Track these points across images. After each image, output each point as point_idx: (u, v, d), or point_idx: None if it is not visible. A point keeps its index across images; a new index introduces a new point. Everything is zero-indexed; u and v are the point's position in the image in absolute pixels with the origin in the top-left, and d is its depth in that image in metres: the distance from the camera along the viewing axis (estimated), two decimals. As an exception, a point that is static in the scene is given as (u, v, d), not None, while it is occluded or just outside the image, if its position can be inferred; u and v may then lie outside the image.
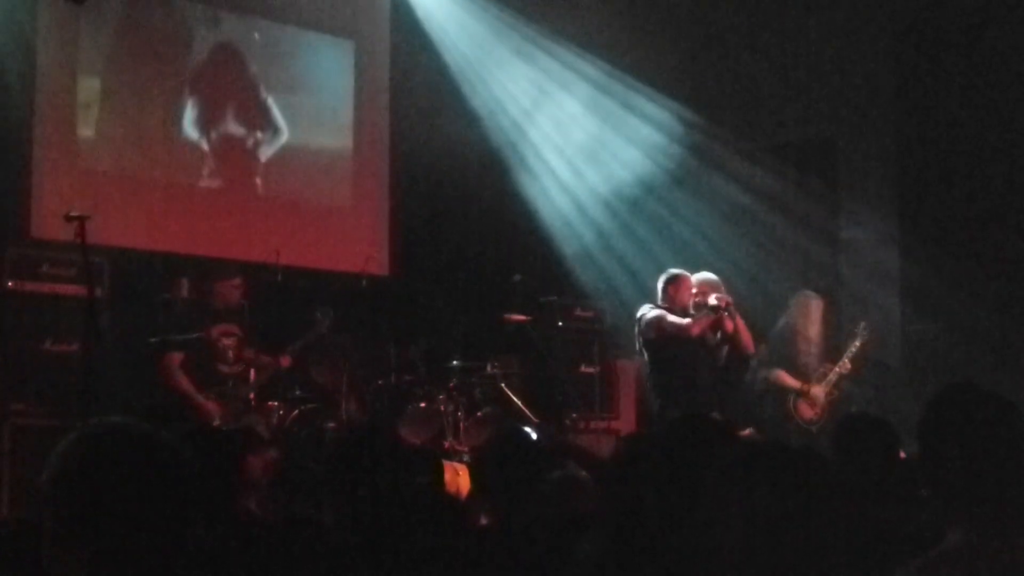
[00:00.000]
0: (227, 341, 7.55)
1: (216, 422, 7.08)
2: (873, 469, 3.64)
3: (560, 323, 9.47)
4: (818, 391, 7.81)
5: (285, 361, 7.72)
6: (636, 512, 2.77)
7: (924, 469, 2.23)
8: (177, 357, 7.38)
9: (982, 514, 2.13)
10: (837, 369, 7.87)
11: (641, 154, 10.46)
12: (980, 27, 8.72)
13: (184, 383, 7.33)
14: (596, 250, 10.58)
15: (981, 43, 8.73)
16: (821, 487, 2.06)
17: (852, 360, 7.91)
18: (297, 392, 7.97)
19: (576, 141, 10.64)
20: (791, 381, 7.84)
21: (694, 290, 7.46)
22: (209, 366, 7.47)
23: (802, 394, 7.81)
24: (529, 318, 8.89)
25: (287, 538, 3.36)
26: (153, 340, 7.53)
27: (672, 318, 7.34)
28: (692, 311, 7.39)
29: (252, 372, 7.63)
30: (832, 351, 8.11)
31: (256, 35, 9.59)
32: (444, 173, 10.04)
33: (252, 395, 7.54)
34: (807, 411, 7.80)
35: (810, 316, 8.01)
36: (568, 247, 10.61)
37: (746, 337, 7.52)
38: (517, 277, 9.24)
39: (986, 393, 2.26)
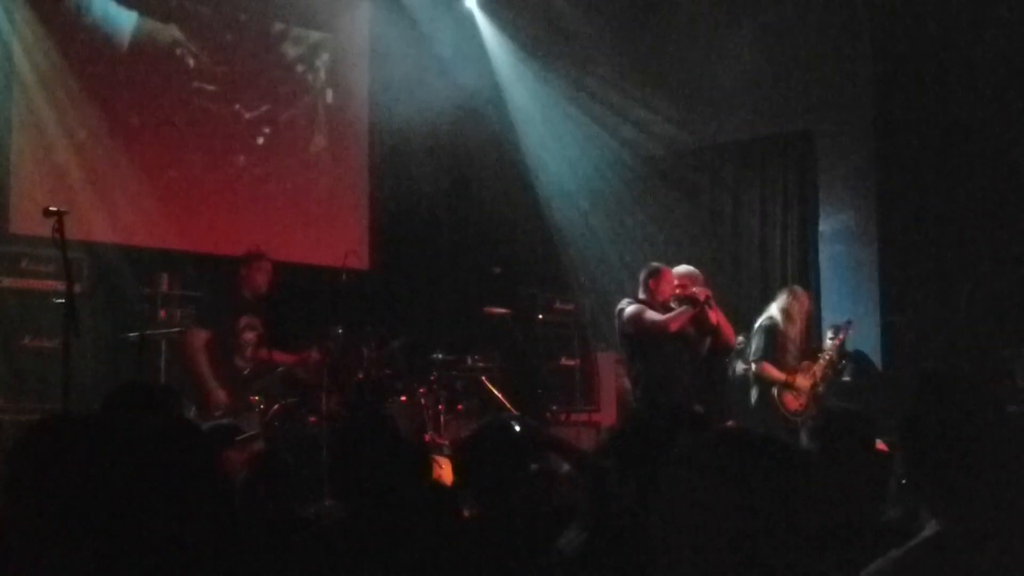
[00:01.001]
0: (249, 335, 7.44)
1: (219, 412, 6.95)
2: (851, 461, 3.66)
3: (540, 316, 9.48)
4: (803, 382, 7.84)
5: (310, 356, 7.52)
6: (617, 504, 2.79)
7: (903, 460, 2.25)
8: (203, 336, 7.28)
9: (960, 506, 2.15)
10: (821, 361, 7.91)
11: (621, 147, 10.48)
12: (959, 20, 8.76)
13: (202, 363, 7.20)
14: (576, 243, 10.61)
15: (960, 36, 8.77)
16: (799, 479, 2.08)
17: (834, 352, 7.96)
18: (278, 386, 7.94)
19: (555, 134, 10.65)
20: (776, 373, 7.86)
21: (675, 283, 7.48)
22: (227, 356, 7.34)
23: (787, 386, 7.84)
24: (509, 311, 8.90)
25: (268, 533, 3.36)
26: (183, 319, 7.43)
27: (651, 314, 7.34)
28: (673, 304, 7.41)
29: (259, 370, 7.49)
30: (815, 343, 8.16)
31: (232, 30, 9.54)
32: (424, 167, 10.03)
33: (256, 398, 7.41)
34: (792, 402, 7.83)
35: (795, 309, 8.03)
36: (549, 240, 10.62)
37: (727, 330, 7.55)
38: (497, 270, 9.25)
39: (966, 383, 2.27)
